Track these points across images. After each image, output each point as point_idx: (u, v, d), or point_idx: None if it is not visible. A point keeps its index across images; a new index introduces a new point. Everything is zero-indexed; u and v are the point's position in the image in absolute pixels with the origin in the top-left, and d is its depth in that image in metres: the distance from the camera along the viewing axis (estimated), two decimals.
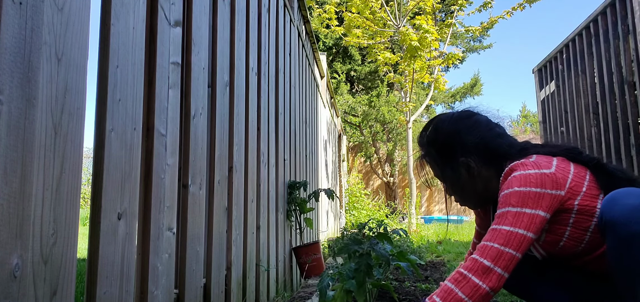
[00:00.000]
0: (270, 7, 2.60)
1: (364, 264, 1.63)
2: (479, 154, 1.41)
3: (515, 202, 1.22)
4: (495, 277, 1.17)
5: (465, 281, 1.18)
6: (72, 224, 0.81)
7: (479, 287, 1.17)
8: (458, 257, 4.22)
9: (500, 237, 1.20)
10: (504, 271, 1.17)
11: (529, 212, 1.20)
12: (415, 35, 6.76)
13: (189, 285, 1.35)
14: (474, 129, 1.45)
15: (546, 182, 1.22)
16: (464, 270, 1.20)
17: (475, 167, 1.41)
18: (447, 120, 1.50)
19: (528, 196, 1.21)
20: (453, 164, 1.44)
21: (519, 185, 1.23)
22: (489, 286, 1.16)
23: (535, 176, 1.23)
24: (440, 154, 1.47)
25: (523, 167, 1.26)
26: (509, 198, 1.23)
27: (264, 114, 2.34)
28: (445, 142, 1.46)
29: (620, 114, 4.30)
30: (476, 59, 55.15)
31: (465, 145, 1.42)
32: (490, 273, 1.17)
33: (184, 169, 1.37)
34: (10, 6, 0.68)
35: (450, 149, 1.44)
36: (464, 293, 1.17)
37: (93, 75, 1.03)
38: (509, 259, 1.18)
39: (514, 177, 1.25)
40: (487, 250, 1.20)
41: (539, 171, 1.24)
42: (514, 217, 1.21)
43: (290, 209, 2.92)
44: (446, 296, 1.19)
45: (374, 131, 13.72)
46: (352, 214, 9.28)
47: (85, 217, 8.13)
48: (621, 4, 4.26)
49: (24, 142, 0.70)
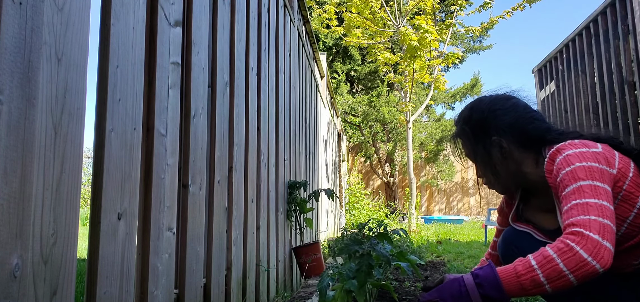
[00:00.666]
0: (270, 7, 2.60)
1: (365, 264, 1.63)
2: (513, 135, 1.39)
3: (584, 176, 1.15)
4: (606, 254, 1.04)
5: (572, 253, 1.05)
6: (72, 224, 0.81)
7: (586, 263, 1.04)
8: (458, 257, 4.22)
9: (592, 209, 1.09)
10: (612, 246, 1.05)
11: (601, 186, 1.13)
12: (415, 36, 6.76)
13: (189, 285, 1.35)
14: (510, 110, 1.43)
15: (600, 158, 1.19)
16: (572, 242, 1.07)
17: (508, 147, 1.39)
18: (486, 100, 1.49)
19: (592, 170, 1.16)
20: (485, 142, 1.42)
21: (579, 160, 1.18)
22: (600, 263, 1.04)
23: (589, 154, 1.19)
24: (473, 132, 1.46)
25: (572, 147, 1.23)
26: (575, 173, 1.16)
27: (264, 114, 2.34)
28: (480, 120, 1.45)
29: (620, 114, 4.30)
30: (476, 59, 55.27)
31: (500, 124, 1.41)
32: (601, 249, 1.04)
33: (184, 169, 1.37)
34: (10, 6, 0.68)
35: (483, 128, 1.43)
36: (566, 266, 1.05)
37: (93, 75, 1.03)
38: (611, 232, 1.07)
39: (570, 155, 1.20)
40: (588, 223, 1.07)
41: (589, 149, 1.21)
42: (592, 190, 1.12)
43: (290, 209, 2.92)
44: (545, 263, 1.07)
45: (374, 131, 13.71)
46: (352, 214, 9.28)
47: (85, 217, 8.13)
48: (621, 4, 4.26)
49: (24, 142, 0.70)
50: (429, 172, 14.61)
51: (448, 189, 14.79)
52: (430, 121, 14.55)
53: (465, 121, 1.50)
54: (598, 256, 1.04)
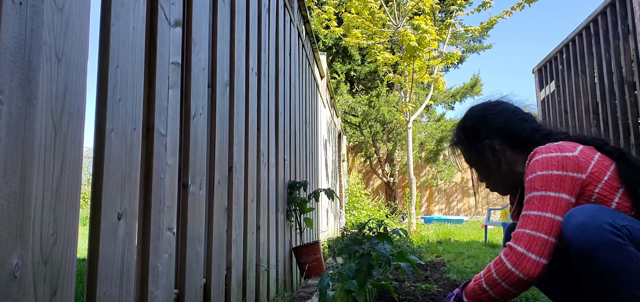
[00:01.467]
0: (270, 7, 2.60)
1: (365, 264, 1.63)
2: (503, 137, 1.47)
3: (539, 186, 1.25)
4: (529, 264, 1.20)
5: (501, 264, 1.25)
6: (72, 224, 0.81)
7: (511, 273, 1.22)
8: (458, 257, 4.22)
9: (529, 222, 1.24)
10: (540, 257, 1.20)
11: (553, 196, 1.23)
12: (415, 36, 6.76)
13: (189, 285, 1.35)
14: (500, 113, 1.51)
15: (567, 164, 1.25)
16: (503, 255, 1.26)
17: (500, 149, 1.47)
18: (477, 107, 1.58)
19: (550, 179, 1.25)
20: (479, 146, 1.51)
21: (542, 168, 1.27)
22: (522, 272, 1.20)
23: (557, 159, 1.26)
24: (468, 139, 1.55)
25: (546, 151, 1.30)
26: (533, 183, 1.27)
27: (264, 114, 2.34)
28: (472, 126, 1.54)
29: (620, 114, 4.30)
30: (476, 59, 55.30)
31: (490, 128, 1.49)
32: (523, 260, 1.21)
33: (184, 169, 1.37)
34: (10, 6, 0.68)
35: (476, 132, 1.52)
36: (497, 275, 1.25)
37: (93, 75, 1.03)
38: (542, 244, 1.21)
39: (537, 161, 1.29)
40: (520, 237, 1.24)
41: (560, 153, 1.27)
42: (540, 201, 1.24)
43: (290, 209, 2.92)
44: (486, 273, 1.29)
45: (374, 131, 13.72)
46: (352, 214, 9.28)
47: (85, 217, 8.13)
48: (621, 4, 4.26)
49: (24, 142, 0.70)
50: (429, 172, 14.61)
51: (448, 189, 14.80)
52: (430, 121, 14.56)
53: (460, 129, 1.59)
54: (520, 267, 1.21)
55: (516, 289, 1.23)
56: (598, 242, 1.12)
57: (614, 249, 1.11)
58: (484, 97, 1.64)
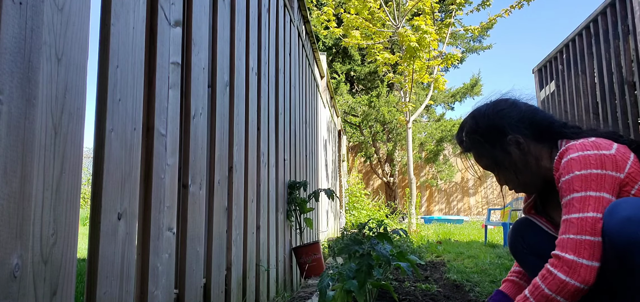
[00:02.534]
0: (270, 7, 2.60)
1: (365, 264, 1.63)
2: (525, 129, 1.38)
3: (578, 187, 1.18)
4: (583, 271, 1.12)
5: (552, 277, 1.16)
6: (72, 224, 0.81)
7: (566, 284, 1.13)
8: (458, 257, 4.22)
9: (572, 227, 1.16)
10: (591, 261, 1.12)
11: (593, 195, 1.17)
12: (414, 36, 6.75)
13: (189, 285, 1.35)
14: (514, 106, 1.43)
15: (606, 162, 1.19)
16: (550, 266, 1.17)
17: (524, 142, 1.38)
18: (485, 107, 1.48)
19: (589, 178, 1.18)
20: (502, 143, 1.39)
21: (580, 167, 1.19)
22: (578, 281, 1.12)
23: (595, 157, 1.20)
24: (486, 139, 1.43)
25: (581, 148, 1.23)
26: (571, 184, 1.20)
27: (264, 114, 2.34)
28: (489, 125, 1.43)
29: (620, 114, 4.30)
30: (476, 59, 55.33)
31: (511, 122, 1.39)
32: (577, 267, 1.13)
33: (184, 169, 1.37)
34: (10, 6, 0.68)
35: (496, 130, 1.41)
36: (550, 290, 1.15)
37: (93, 75, 1.03)
38: (591, 246, 1.13)
39: (573, 160, 1.22)
40: (566, 244, 1.16)
41: (598, 151, 1.21)
42: (580, 203, 1.17)
43: (290, 209, 2.92)
44: (534, 291, 1.19)
45: (374, 131, 13.71)
46: (352, 214, 9.28)
47: (85, 217, 8.12)
48: (621, 4, 4.26)
49: (24, 142, 0.70)
50: (429, 172, 14.61)
51: (448, 189, 14.79)
52: (430, 121, 14.55)
53: (473, 132, 1.46)
54: (575, 275, 1.13)
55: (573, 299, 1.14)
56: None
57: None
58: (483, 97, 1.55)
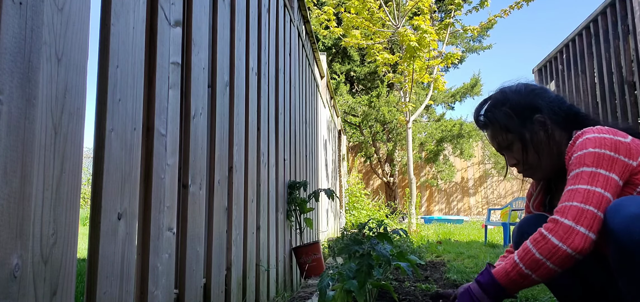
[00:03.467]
0: (270, 7, 2.60)
1: (365, 264, 1.63)
2: (555, 114, 1.38)
3: (590, 162, 1.18)
4: (578, 238, 1.11)
5: (544, 241, 1.14)
6: (72, 224, 0.81)
7: (558, 249, 1.12)
8: (458, 257, 4.22)
9: (578, 195, 1.15)
10: (589, 231, 1.11)
11: (603, 174, 1.17)
12: (414, 36, 6.76)
13: (189, 285, 1.35)
14: (546, 90, 1.43)
15: (620, 148, 1.20)
16: (545, 230, 1.16)
17: (551, 127, 1.38)
18: (516, 85, 1.46)
19: (602, 157, 1.18)
20: (531, 121, 1.38)
21: (594, 146, 1.20)
22: (570, 247, 1.11)
23: (610, 141, 1.21)
24: (516, 113, 1.39)
25: (598, 131, 1.24)
26: (583, 158, 1.20)
27: (264, 114, 2.34)
28: (521, 101, 1.41)
29: (620, 114, 4.30)
30: (476, 59, 55.33)
31: (544, 103, 1.38)
32: (572, 233, 1.11)
33: (184, 169, 1.37)
34: (10, 6, 0.68)
35: (528, 106, 1.39)
36: (541, 254, 1.13)
37: (93, 75, 1.03)
38: (592, 218, 1.12)
39: (588, 139, 1.23)
40: (567, 209, 1.15)
41: (614, 136, 1.22)
42: (590, 177, 1.17)
43: (290, 209, 2.92)
44: (524, 255, 1.17)
45: (374, 131, 13.71)
46: (352, 214, 9.28)
47: (85, 217, 8.12)
48: (621, 4, 4.26)
49: (24, 142, 0.70)
50: (429, 172, 14.61)
51: (448, 189, 14.79)
52: (430, 121, 14.55)
53: (502, 104, 1.43)
54: (568, 241, 1.10)
55: (561, 267, 1.13)
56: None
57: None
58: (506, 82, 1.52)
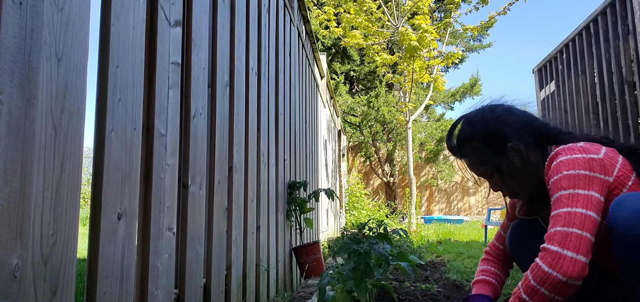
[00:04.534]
0: (270, 7, 2.60)
1: (362, 263, 1.63)
2: (526, 136, 1.37)
3: (566, 185, 1.18)
4: (566, 263, 1.11)
5: (537, 269, 1.16)
6: (72, 224, 0.81)
7: (549, 275, 1.13)
8: (458, 257, 4.22)
9: (559, 220, 1.16)
10: (576, 254, 1.11)
11: (582, 193, 1.16)
12: (415, 35, 6.76)
13: (189, 285, 1.35)
14: (512, 113, 1.41)
15: (594, 166, 1.19)
16: (538, 258, 1.18)
17: (525, 151, 1.36)
18: (481, 112, 1.45)
19: (578, 178, 1.18)
20: (503, 151, 1.37)
21: (567, 168, 1.20)
22: (560, 273, 1.11)
23: (583, 160, 1.20)
24: (487, 145, 1.39)
25: (570, 152, 1.23)
26: (559, 183, 1.20)
27: (264, 114, 2.34)
28: (489, 131, 1.39)
29: (620, 114, 4.30)
30: (476, 58, 55.29)
31: (512, 129, 1.37)
32: (559, 259, 1.12)
33: (184, 169, 1.37)
34: (10, 6, 0.68)
35: (496, 137, 1.38)
36: (535, 281, 1.16)
37: (93, 75, 1.03)
38: (577, 239, 1.12)
39: (561, 162, 1.22)
40: (552, 236, 1.16)
41: (586, 155, 1.21)
42: (568, 199, 1.17)
43: (290, 209, 2.92)
44: (523, 282, 1.20)
45: (374, 131, 13.71)
46: (352, 214, 9.28)
47: (85, 217, 8.12)
48: (621, 4, 4.26)
49: (24, 142, 0.70)
50: (429, 172, 14.61)
51: (448, 189, 14.80)
52: (430, 121, 14.56)
53: (471, 138, 1.43)
54: (557, 267, 1.12)
55: (558, 293, 1.13)
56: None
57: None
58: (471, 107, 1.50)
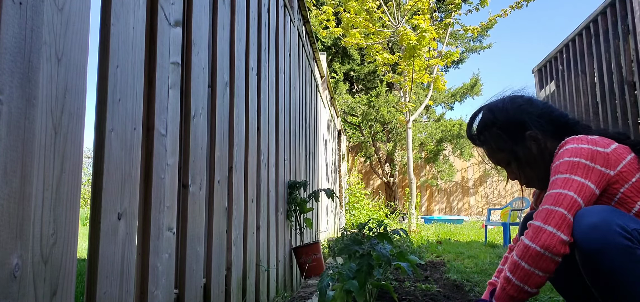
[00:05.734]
0: (270, 7, 2.60)
1: (365, 264, 1.63)
2: (545, 125, 1.40)
3: (564, 170, 1.21)
4: (545, 236, 1.15)
5: (521, 243, 1.21)
6: (72, 224, 0.81)
7: (528, 248, 1.17)
8: (458, 257, 4.22)
9: (549, 198, 1.20)
10: (557, 230, 1.15)
11: (578, 180, 1.19)
12: (414, 35, 6.76)
13: (189, 285, 1.35)
14: (532, 103, 1.44)
15: (597, 158, 1.21)
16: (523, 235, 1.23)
17: (543, 138, 1.39)
18: (502, 101, 1.47)
19: (577, 165, 1.20)
20: (522, 139, 1.40)
21: (570, 155, 1.23)
22: (538, 245, 1.15)
23: (587, 150, 1.22)
24: (506, 132, 1.42)
25: (578, 141, 1.26)
26: (559, 167, 1.23)
27: (264, 114, 2.34)
28: (509, 119, 1.42)
29: (620, 114, 4.30)
30: (476, 58, 55.28)
31: (531, 117, 1.40)
32: (539, 232, 1.16)
33: (184, 169, 1.37)
34: (10, 6, 0.68)
35: (516, 124, 1.41)
36: (517, 255, 1.20)
37: (93, 75, 1.03)
38: (560, 218, 1.15)
39: (566, 150, 1.25)
40: (538, 213, 1.20)
41: (593, 147, 1.23)
42: (563, 182, 1.20)
43: (290, 209, 2.92)
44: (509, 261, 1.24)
45: (374, 131, 13.71)
46: (352, 214, 9.28)
47: (85, 217, 8.12)
48: (621, 4, 4.26)
49: (24, 142, 0.70)
50: (429, 172, 14.61)
51: (448, 189, 14.79)
52: (430, 121, 14.55)
53: (491, 125, 1.45)
54: (536, 239, 1.15)
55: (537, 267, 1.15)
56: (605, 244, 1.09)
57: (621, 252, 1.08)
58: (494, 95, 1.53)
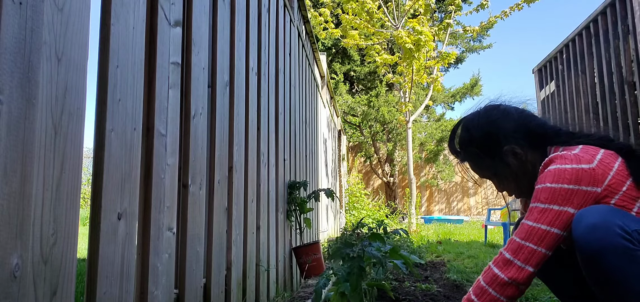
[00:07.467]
0: (270, 7, 2.60)
1: (356, 267, 1.63)
2: (521, 138, 1.38)
3: (544, 199, 1.21)
4: (513, 269, 1.20)
5: (489, 270, 1.25)
6: (72, 224, 0.81)
7: (497, 277, 1.22)
8: (458, 257, 4.22)
9: (521, 231, 1.23)
10: (525, 264, 1.19)
11: (556, 209, 1.19)
12: (409, 38, 6.75)
13: (189, 285, 1.35)
14: (507, 115, 1.42)
15: (582, 178, 1.18)
16: (491, 262, 1.27)
17: (522, 152, 1.37)
18: (477, 116, 1.46)
19: (558, 193, 1.19)
20: (500, 155, 1.39)
21: (552, 180, 1.21)
22: (507, 276, 1.20)
23: (571, 172, 1.19)
24: (482, 150, 1.42)
25: (562, 160, 1.23)
26: (539, 194, 1.23)
27: (264, 114, 2.34)
28: (483, 135, 1.42)
29: (620, 114, 4.30)
30: (476, 59, 55.31)
31: (506, 131, 1.38)
32: (509, 265, 1.21)
33: (184, 169, 1.37)
34: (10, 6, 0.68)
35: (491, 141, 1.40)
36: (484, 281, 1.25)
37: (93, 75, 1.03)
38: (529, 253, 1.19)
39: (549, 172, 1.22)
40: (510, 243, 1.24)
41: (577, 165, 1.20)
42: (539, 213, 1.21)
43: (290, 209, 2.92)
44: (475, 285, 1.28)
45: (374, 131, 13.71)
46: (352, 214, 9.28)
47: (85, 217, 8.12)
48: (621, 4, 4.26)
49: (24, 142, 0.70)
50: (429, 172, 14.61)
51: (448, 189, 14.79)
52: (430, 121, 14.55)
53: (468, 143, 1.46)
54: (505, 270, 1.21)
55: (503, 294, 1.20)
56: (605, 244, 1.08)
57: (621, 253, 1.07)
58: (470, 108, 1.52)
